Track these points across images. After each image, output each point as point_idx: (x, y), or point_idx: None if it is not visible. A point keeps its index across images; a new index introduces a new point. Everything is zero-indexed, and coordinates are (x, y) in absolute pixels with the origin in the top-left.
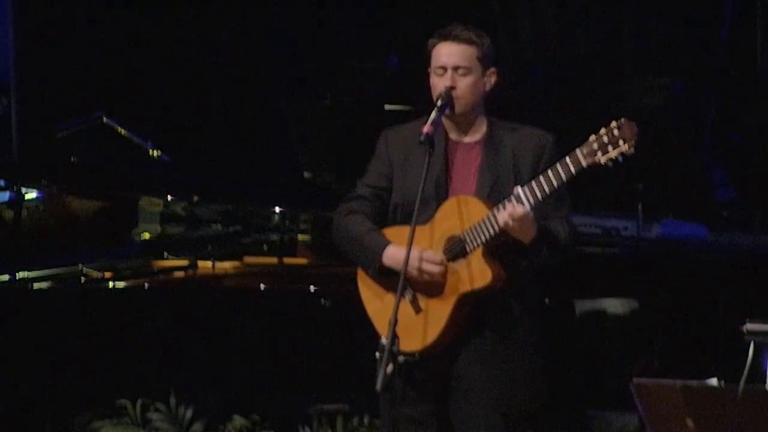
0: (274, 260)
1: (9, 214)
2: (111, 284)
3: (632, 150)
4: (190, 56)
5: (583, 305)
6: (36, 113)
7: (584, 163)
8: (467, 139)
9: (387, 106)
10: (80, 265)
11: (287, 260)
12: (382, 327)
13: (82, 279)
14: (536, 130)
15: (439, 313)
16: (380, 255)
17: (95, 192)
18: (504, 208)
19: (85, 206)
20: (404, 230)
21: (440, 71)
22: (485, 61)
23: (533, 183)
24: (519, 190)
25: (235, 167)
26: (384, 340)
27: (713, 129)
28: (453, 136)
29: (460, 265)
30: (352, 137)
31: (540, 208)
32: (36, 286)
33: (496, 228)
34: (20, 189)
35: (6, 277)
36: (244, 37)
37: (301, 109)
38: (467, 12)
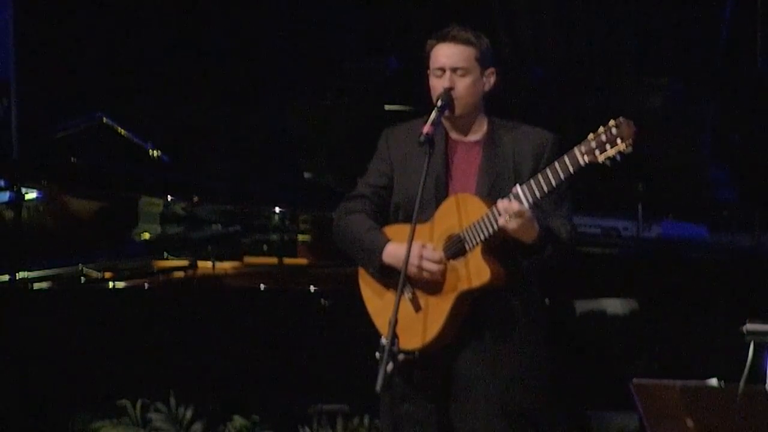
0: (274, 260)
1: (9, 214)
2: (111, 284)
3: (630, 149)
4: (190, 56)
5: (583, 305)
6: (36, 113)
7: (582, 162)
8: (467, 139)
9: (387, 106)
10: (80, 265)
11: (287, 260)
12: (382, 326)
13: (82, 279)
14: (536, 129)
15: (438, 311)
16: (380, 253)
17: (95, 192)
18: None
19: (85, 206)
20: (404, 228)
21: (439, 72)
22: (484, 62)
23: (532, 181)
24: (518, 188)
25: (235, 167)
26: (384, 340)
27: (713, 129)
28: (453, 135)
29: (459, 263)
30: (351, 137)
31: (541, 207)
32: (36, 286)
33: (495, 226)
34: (20, 189)
35: (6, 277)
36: (243, 38)
37: (301, 109)
38: (467, 12)
